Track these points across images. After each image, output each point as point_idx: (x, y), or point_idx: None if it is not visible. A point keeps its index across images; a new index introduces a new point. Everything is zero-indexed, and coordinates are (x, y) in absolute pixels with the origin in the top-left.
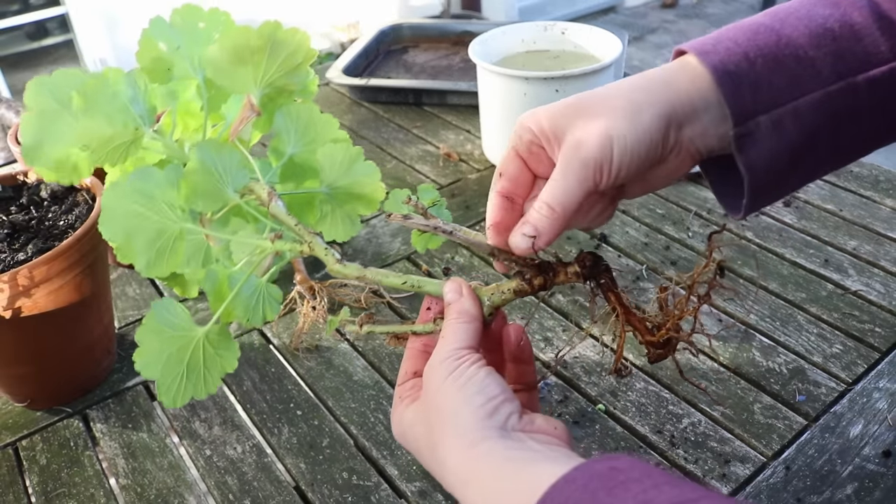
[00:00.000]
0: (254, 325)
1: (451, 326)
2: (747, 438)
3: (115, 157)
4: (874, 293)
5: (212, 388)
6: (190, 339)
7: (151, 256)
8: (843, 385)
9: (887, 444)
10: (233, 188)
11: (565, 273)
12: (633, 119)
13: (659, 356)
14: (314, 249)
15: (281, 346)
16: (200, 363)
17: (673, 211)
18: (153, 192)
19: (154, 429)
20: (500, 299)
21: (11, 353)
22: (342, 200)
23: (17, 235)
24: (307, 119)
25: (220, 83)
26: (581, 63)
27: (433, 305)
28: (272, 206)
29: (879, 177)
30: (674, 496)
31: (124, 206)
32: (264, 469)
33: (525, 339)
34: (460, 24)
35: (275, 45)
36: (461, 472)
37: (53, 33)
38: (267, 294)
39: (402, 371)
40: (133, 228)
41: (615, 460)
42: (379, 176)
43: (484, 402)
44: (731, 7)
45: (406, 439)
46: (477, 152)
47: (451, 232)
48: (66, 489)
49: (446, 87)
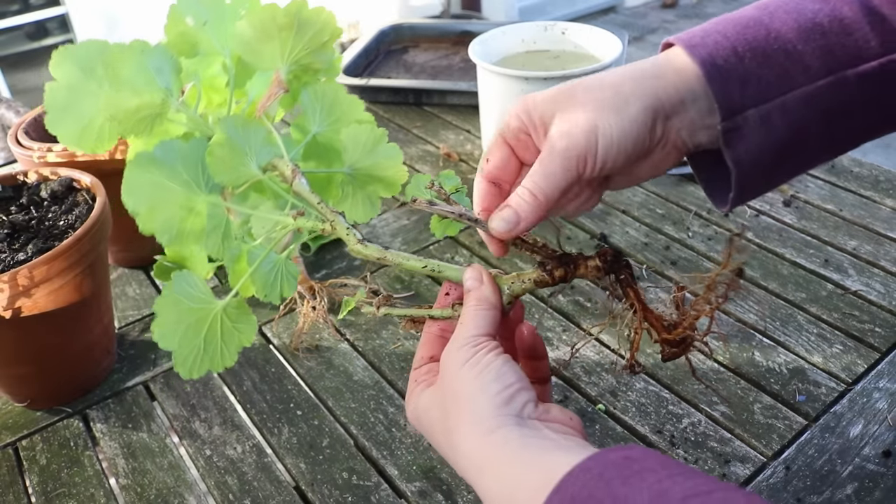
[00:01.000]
0: (271, 300)
1: (470, 313)
2: (747, 438)
3: (140, 128)
4: (874, 293)
5: (228, 361)
6: (208, 311)
7: (173, 229)
8: (843, 385)
9: (887, 444)
10: (256, 164)
11: (586, 266)
12: (620, 111)
13: (673, 354)
14: (336, 228)
15: (281, 346)
16: (218, 336)
17: (673, 211)
18: (177, 164)
19: (154, 429)
20: (521, 289)
21: (11, 353)
22: (364, 182)
23: (17, 235)
24: (332, 98)
25: (247, 59)
26: (581, 63)
27: (451, 291)
28: (296, 183)
29: (879, 177)
30: (688, 487)
31: (148, 177)
32: (264, 469)
33: (538, 337)
34: (460, 24)
35: (301, 23)
36: (476, 458)
37: (53, 33)
38: (286, 270)
39: (417, 355)
40: (156, 200)
41: (630, 450)
42: (401, 159)
43: (501, 389)
44: (731, 6)
45: (420, 423)
46: (477, 152)
47: (477, 220)
48: (65, 489)
49: (446, 87)
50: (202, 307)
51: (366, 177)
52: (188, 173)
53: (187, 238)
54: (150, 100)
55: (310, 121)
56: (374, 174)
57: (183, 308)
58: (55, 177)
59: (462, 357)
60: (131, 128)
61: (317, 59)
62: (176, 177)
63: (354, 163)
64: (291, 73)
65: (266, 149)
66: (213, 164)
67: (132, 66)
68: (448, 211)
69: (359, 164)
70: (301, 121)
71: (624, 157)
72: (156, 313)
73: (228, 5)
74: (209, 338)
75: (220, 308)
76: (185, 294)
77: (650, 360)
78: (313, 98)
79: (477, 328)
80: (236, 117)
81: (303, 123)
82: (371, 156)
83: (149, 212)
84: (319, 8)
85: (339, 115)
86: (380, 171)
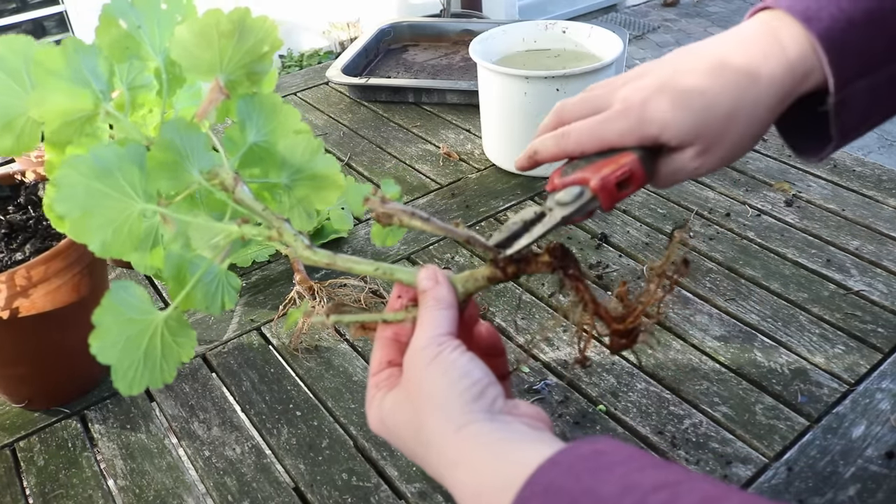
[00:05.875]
0: (212, 312)
1: (428, 313)
2: (749, 439)
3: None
4: (877, 293)
5: (167, 377)
6: (149, 323)
7: (108, 236)
8: (846, 386)
9: (890, 446)
10: (197, 170)
11: (536, 263)
12: (756, 134)
13: (622, 346)
14: (282, 235)
15: (280, 347)
16: (158, 350)
17: (674, 211)
18: (114, 169)
19: (152, 430)
20: (474, 286)
21: (9, 354)
22: (301, 193)
23: (14, 235)
24: (270, 108)
25: (184, 64)
26: (582, 62)
27: (403, 294)
28: (238, 191)
29: (882, 176)
30: (657, 478)
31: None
32: (263, 470)
33: (496, 335)
34: (460, 23)
35: (243, 31)
36: (449, 454)
37: (52, 32)
38: (226, 282)
39: (374, 361)
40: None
41: (599, 443)
42: (339, 169)
43: (470, 385)
44: (733, 5)
45: (386, 426)
46: (477, 152)
47: (428, 219)
48: (64, 490)
49: (446, 87)
50: (143, 318)
51: (304, 188)
52: (125, 179)
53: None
54: (82, 103)
55: (247, 130)
56: (312, 185)
57: (123, 319)
58: None
59: (427, 356)
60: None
61: (255, 69)
62: (112, 182)
63: (292, 173)
64: (229, 82)
65: (206, 156)
66: (154, 168)
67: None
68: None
69: (297, 175)
70: (232, 131)
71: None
72: (95, 324)
73: (164, 11)
74: (149, 352)
75: (161, 320)
76: (125, 304)
77: (651, 361)
78: (251, 107)
79: (438, 327)
80: (179, 121)
81: (237, 133)
82: (309, 166)
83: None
84: (263, 17)
85: (275, 125)
86: (318, 182)
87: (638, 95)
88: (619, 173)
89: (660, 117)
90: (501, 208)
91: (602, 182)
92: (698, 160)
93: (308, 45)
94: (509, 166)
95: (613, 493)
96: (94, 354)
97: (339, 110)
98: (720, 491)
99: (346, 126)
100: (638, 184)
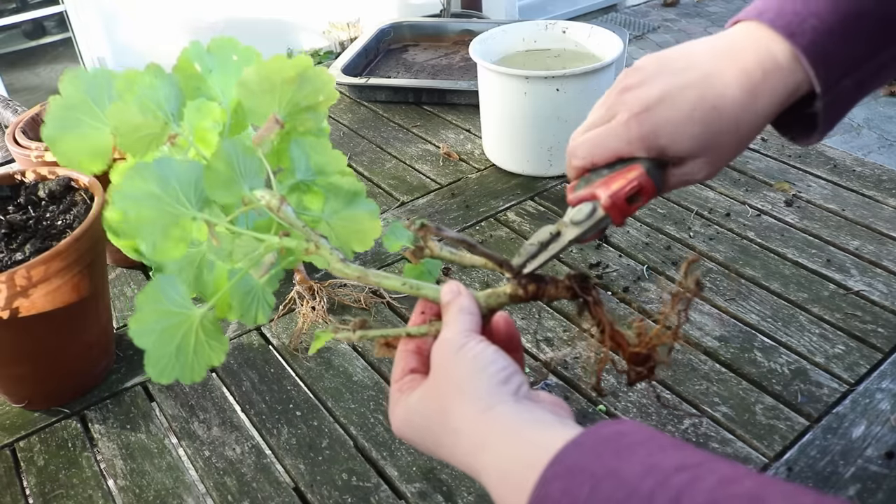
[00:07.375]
0: (245, 322)
1: (453, 317)
2: (749, 439)
3: (138, 146)
4: (877, 293)
5: (197, 375)
6: (185, 317)
7: (157, 238)
8: (846, 386)
9: (890, 446)
10: (248, 188)
11: (557, 287)
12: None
13: (639, 375)
14: (320, 248)
15: (280, 347)
16: (191, 347)
17: (674, 211)
18: (171, 179)
19: (153, 430)
20: (496, 302)
21: (9, 354)
22: (339, 232)
23: (14, 235)
24: (319, 150)
25: (247, 104)
26: (582, 62)
27: (427, 310)
28: (282, 210)
29: (882, 176)
30: (679, 459)
31: (144, 185)
32: (263, 470)
33: (514, 328)
34: (460, 23)
35: (303, 80)
36: (476, 435)
37: (51, 32)
38: (263, 297)
39: (397, 370)
40: (146, 207)
41: (621, 424)
42: (378, 214)
43: (497, 371)
44: (733, 5)
45: (412, 424)
46: (477, 152)
47: (475, 246)
48: (63, 490)
49: (446, 87)
50: (181, 311)
51: (342, 228)
52: (181, 188)
53: (168, 250)
54: (154, 122)
55: (295, 167)
56: (350, 226)
57: (161, 309)
58: (53, 176)
59: (456, 345)
60: (131, 144)
61: (309, 117)
62: (169, 190)
63: (333, 213)
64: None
65: (258, 179)
66: (210, 178)
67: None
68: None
69: (337, 214)
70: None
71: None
72: (136, 307)
73: (234, 61)
74: (182, 346)
75: (198, 317)
76: (166, 295)
77: None
78: (301, 148)
79: (463, 325)
80: (237, 141)
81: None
82: (349, 207)
83: (136, 219)
84: (322, 69)
85: (323, 165)
86: (357, 223)
87: (642, 105)
88: (629, 188)
89: (669, 131)
90: (501, 208)
91: (612, 199)
92: (707, 169)
93: (308, 45)
94: (509, 166)
95: (636, 474)
96: (131, 337)
97: (340, 110)
98: (738, 472)
99: (346, 126)
100: (648, 196)
